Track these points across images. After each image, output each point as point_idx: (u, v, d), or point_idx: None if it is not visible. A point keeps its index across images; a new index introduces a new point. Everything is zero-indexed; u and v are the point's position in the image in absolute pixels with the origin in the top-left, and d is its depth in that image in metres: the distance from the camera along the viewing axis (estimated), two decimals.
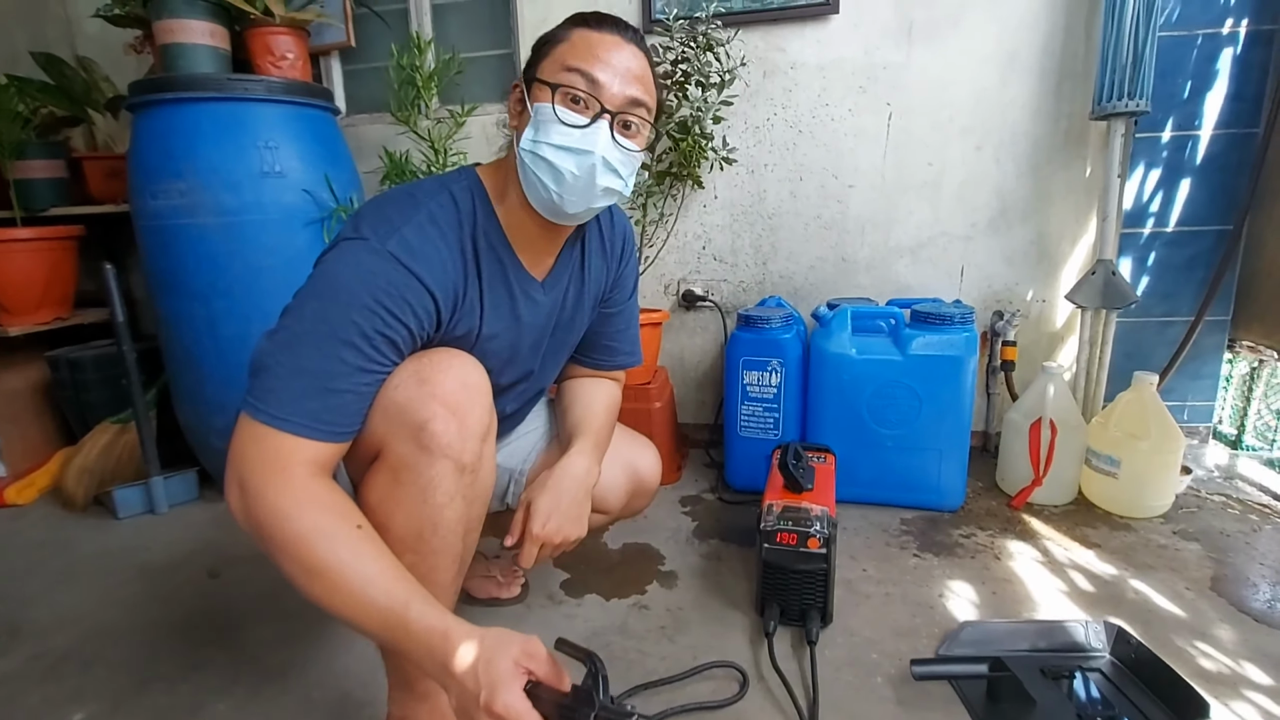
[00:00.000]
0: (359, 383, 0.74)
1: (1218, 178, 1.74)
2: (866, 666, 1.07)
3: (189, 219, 1.53)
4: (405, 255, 0.76)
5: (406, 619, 0.66)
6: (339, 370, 0.72)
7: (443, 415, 0.77)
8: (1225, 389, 1.90)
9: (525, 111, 0.84)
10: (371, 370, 0.75)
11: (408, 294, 0.76)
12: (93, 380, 1.94)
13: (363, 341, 0.73)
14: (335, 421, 0.73)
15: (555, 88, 0.81)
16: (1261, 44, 1.66)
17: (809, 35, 1.85)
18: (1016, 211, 1.85)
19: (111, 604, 1.34)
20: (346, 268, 0.75)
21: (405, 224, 0.79)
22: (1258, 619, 1.17)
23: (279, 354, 0.72)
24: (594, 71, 0.80)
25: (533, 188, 0.85)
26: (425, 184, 0.87)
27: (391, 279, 0.75)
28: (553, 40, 0.85)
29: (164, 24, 1.61)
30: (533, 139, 0.82)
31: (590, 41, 0.82)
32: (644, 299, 2.08)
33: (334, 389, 0.72)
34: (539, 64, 0.84)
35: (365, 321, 0.73)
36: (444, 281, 0.81)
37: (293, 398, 0.71)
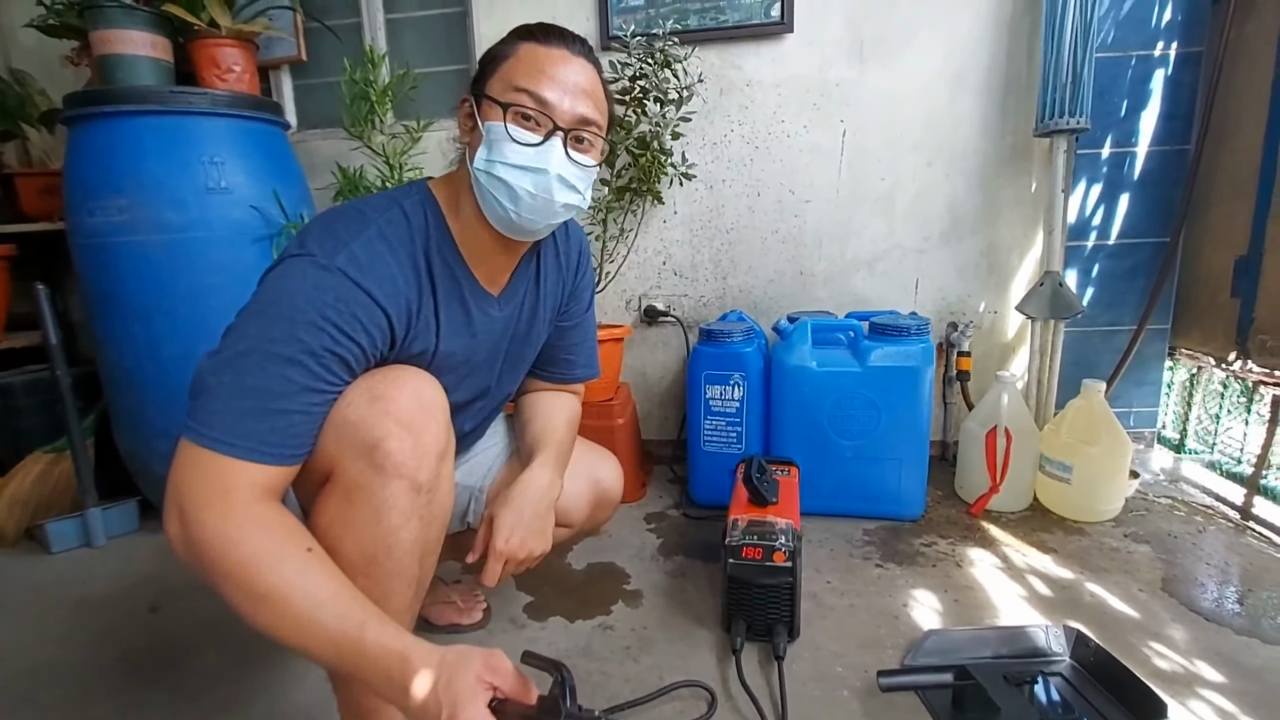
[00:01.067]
0: (307, 403, 0.71)
1: (1154, 192, 1.81)
2: (833, 680, 1.07)
3: (129, 236, 1.46)
4: (354, 271, 0.74)
5: (361, 642, 0.63)
6: (285, 389, 0.69)
7: (397, 433, 0.74)
8: (1167, 395, 1.97)
9: (476, 128, 0.83)
10: (320, 390, 0.72)
11: (358, 310, 0.73)
12: (25, 407, 1.84)
13: (310, 359, 0.70)
14: (281, 444, 0.69)
15: (506, 107, 0.80)
16: (1191, 65, 1.74)
17: (764, 53, 1.88)
18: (967, 225, 1.90)
19: (44, 642, 1.26)
20: (292, 284, 0.72)
21: (354, 240, 0.76)
22: (1207, 618, 1.20)
23: (221, 374, 0.69)
24: (542, 91, 0.80)
25: (490, 206, 0.84)
26: (375, 200, 0.85)
27: (340, 295, 0.72)
28: (500, 56, 0.83)
29: (101, 34, 1.55)
30: (486, 158, 0.81)
31: (537, 58, 0.81)
32: (605, 315, 2.08)
33: (280, 409, 0.69)
34: (487, 80, 0.83)
35: (313, 339, 0.70)
36: (396, 297, 0.78)
37: (235, 419, 0.67)
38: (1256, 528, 1.52)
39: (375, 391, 0.76)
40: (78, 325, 2.17)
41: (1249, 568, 1.37)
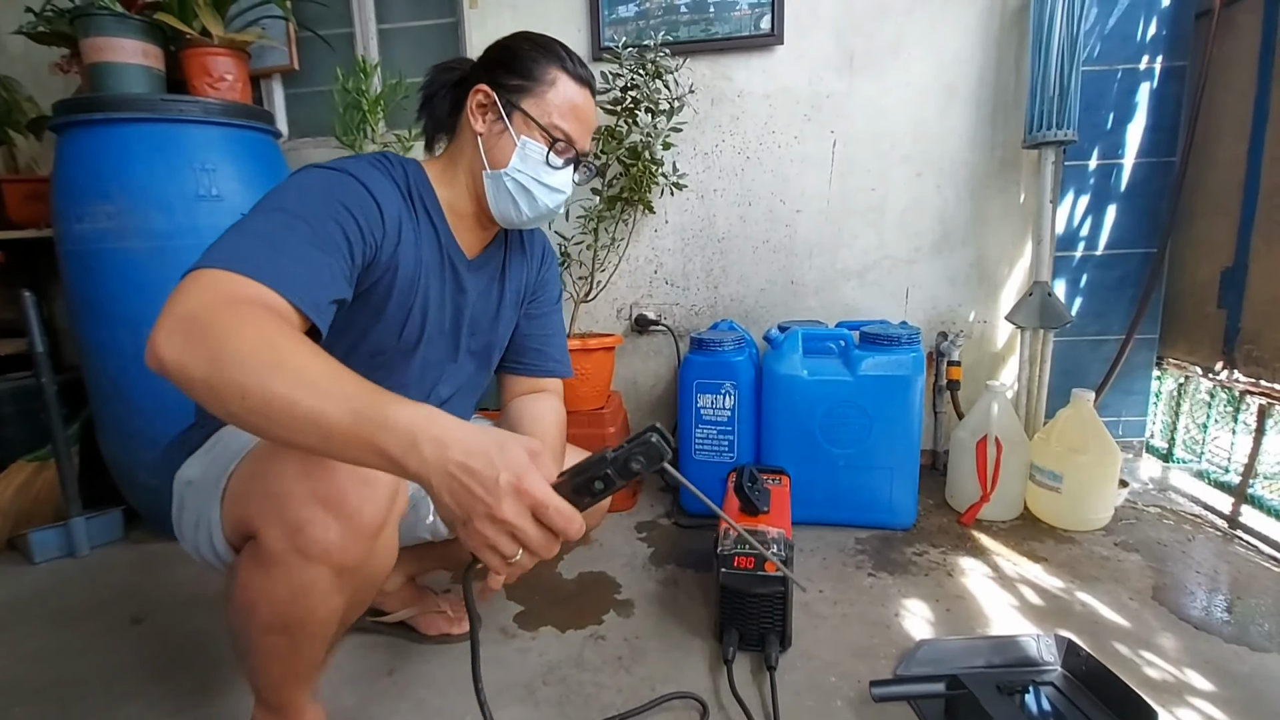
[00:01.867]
0: (310, 257, 0.71)
1: (1141, 203, 1.83)
2: (826, 690, 1.06)
3: (117, 243, 1.46)
4: (357, 172, 0.82)
5: (382, 399, 0.57)
6: (289, 238, 0.70)
7: (323, 519, 0.69)
8: (1155, 404, 1.98)
9: (505, 134, 0.93)
10: (321, 249, 0.72)
11: (359, 198, 0.80)
12: (9, 415, 1.82)
13: (315, 220, 0.73)
14: (287, 278, 0.66)
15: (553, 140, 0.93)
16: (1175, 79, 1.77)
17: (755, 64, 1.89)
18: (957, 235, 1.92)
19: (22, 656, 1.23)
20: (296, 177, 0.79)
21: (351, 162, 0.84)
22: (1197, 626, 1.20)
23: (227, 234, 0.69)
24: (575, 134, 0.95)
25: (503, 204, 0.96)
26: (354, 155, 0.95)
27: (345, 183, 0.80)
28: (537, 77, 0.93)
29: (93, 42, 1.55)
30: (520, 169, 0.93)
31: (573, 100, 0.94)
32: (597, 323, 2.08)
33: (285, 250, 0.69)
34: (523, 95, 0.93)
35: (318, 205, 0.75)
36: (391, 202, 0.85)
37: (243, 251, 0.66)
38: (1244, 536, 1.53)
39: (309, 467, 0.70)
40: (63, 332, 2.15)
41: (1237, 576, 1.37)
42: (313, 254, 0.71)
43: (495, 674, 1.12)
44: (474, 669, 0.72)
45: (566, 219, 1.88)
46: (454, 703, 1.05)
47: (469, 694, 1.06)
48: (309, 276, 0.69)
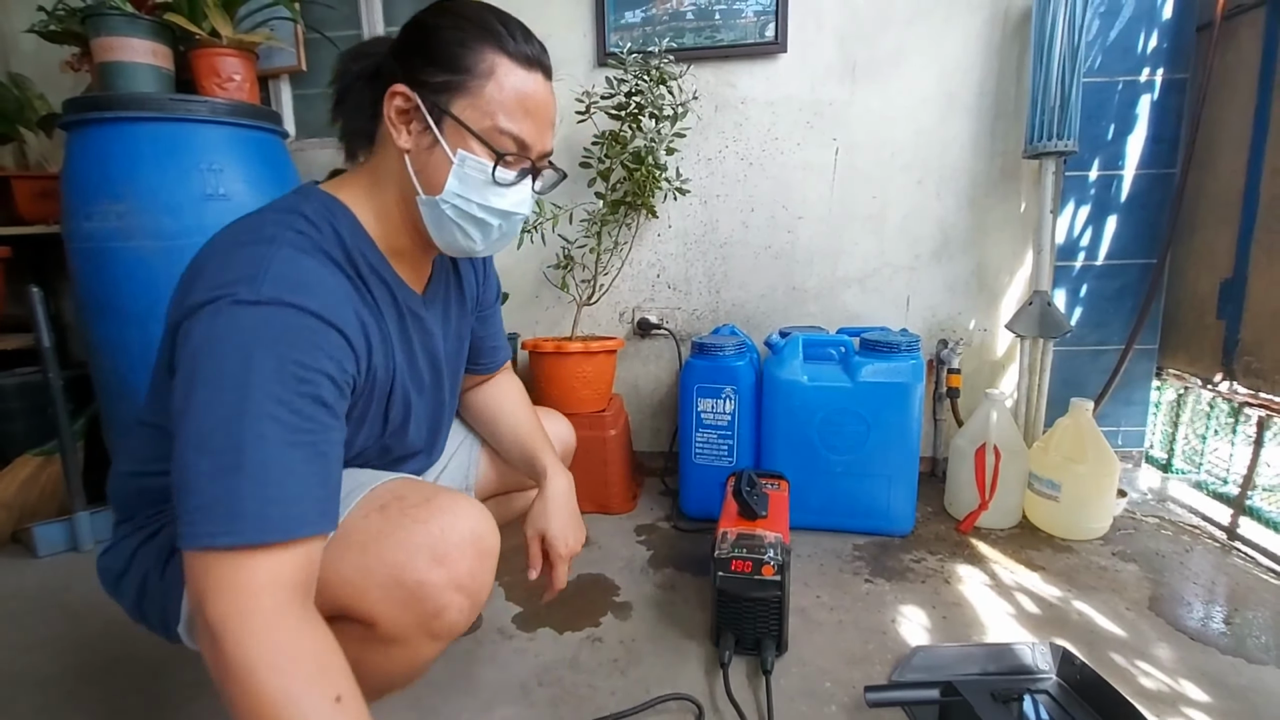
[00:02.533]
0: (294, 460, 0.60)
1: (1141, 214, 1.84)
2: (821, 695, 1.07)
3: (125, 242, 1.47)
4: (290, 294, 0.62)
5: None
6: (264, 453, 0.58)
7: (458, 603, 0.71)
8: (1155, 414, 1.99)
9: (437, 149, 0.74)
10: (304, 442, 0.61)
11: (311, 337, 0.63)
12: (15, 409, 1.84)
13: (281, 409, 0.59)
14: (282, 514, 0.59)
15: (498, 154, 0.74)
16: (1176, 91, 1.78)
17: (758, 72, 1.91)
18: (957, 244, 1.92)
19: (25, 648, 1.24)
20: (223, 337, 0.60)
21: (270, 260, 0.64)
22: (1193, 637, 1.21)
23: (190, 463, 0.58)
24: (524, 135, 0.75)
25: (448, 235, 0.79)
26: (264, 214, 0.72)
27: (285, 326, 0.61)
28: (468, 68, 0.73)
29: (103, 41, 1.56)
30: (459, 194, 0.75)
31: (520, 91, 0.74)
32: (599, 326, 2.09)
33: (265, 476, 0.58)
34: (453, 95, 0.73)
35: (275, 386, 0.59)
36: (343, 310, 0.68)
37: (224, 505, 0.57)
38: (1242, 548, 1.54)
39: (438, 550, 0.70)
40: (70, 328, 2.17)
41: (1235, 588, 1.38)
42: (289, 454, 0.60)
43: (491, 674, 1.13)
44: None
45: (570, 222, 1.89)
46: (450, 702, 1.06)
47: (466, 693, 1.08)
48: (298, 488, 0.60)
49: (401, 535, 0.70)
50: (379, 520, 0.71)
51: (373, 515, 0.72)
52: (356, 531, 0.71)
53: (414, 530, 0.70)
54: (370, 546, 0.69)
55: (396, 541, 0.69)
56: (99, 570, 0.84)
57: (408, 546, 0.69)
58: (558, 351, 1.74)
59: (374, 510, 0.72)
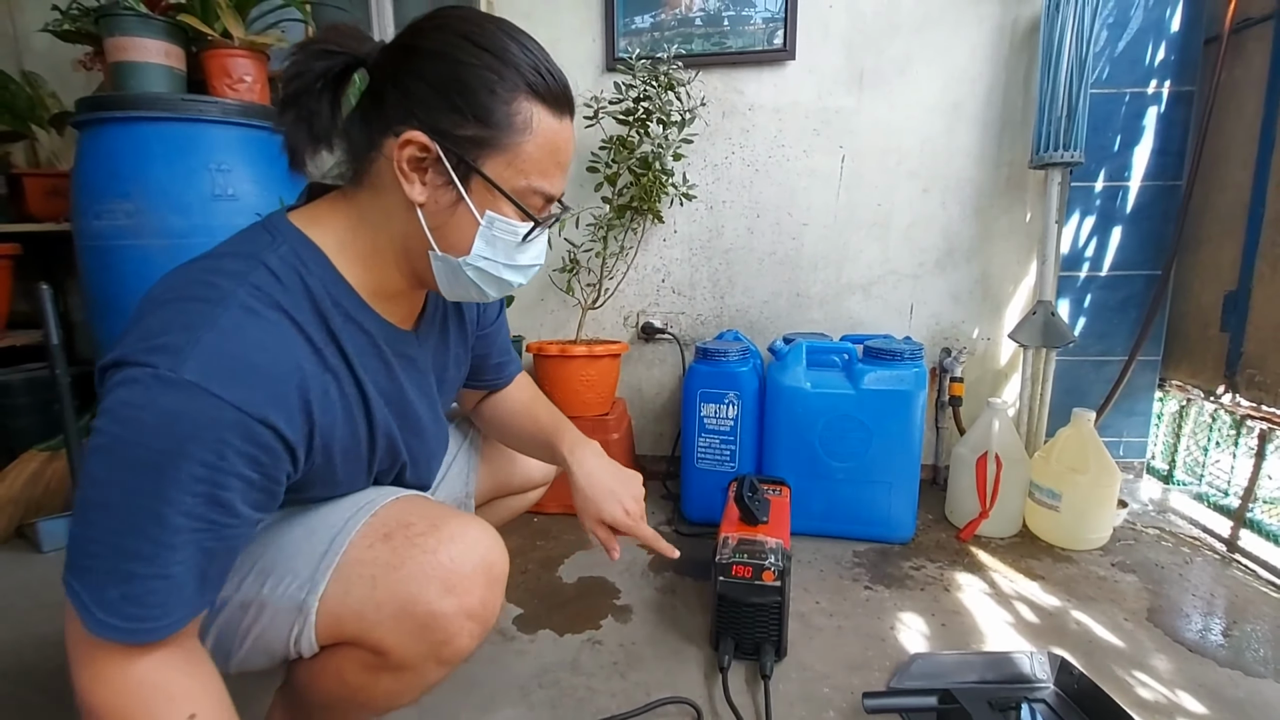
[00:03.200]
0: (171, 561, 0.56)
1: (1146, 226, 1.84)
2: (819, 701, 1.07)
3: (134, 240, 1.48)
4: (212, 379, 0.56)
5: None
6: (138, 549, 0.55)
7: (469, 629, 0.71)
8: (1157, 426, 1.99)
9: (460, 206, 0.67)
10: (185, 543, 0.57)
11: (224, 433, 0.56)
12: (23, 405, 1.85)
13: (166, 508, 0.55)
14: (142, 616, 0.56)
15: (536, 221, 0.70)
16: (1183, 104, 1.78)
17: (766, 79, 1.92)
18: (962, 252, 1.93)
19: (29, 643, 1.25)
20: (131, 412, 0.55)
21: (206, 329, 0.57)
22: (1191, 649, 1.21)
23: (79, 517, 0.57)
24: (554, 190, 0.71)
25: (460, 290, 0.74)
26: (225, 260, 0.65)
27: (198, 418, 0.55)
28: (506, 123, 0.65)
29: (116, 41, 1.58)
30: (487, 257, 0.70)
31: (554, 143, 0.68)
32: (603, 330, 2.09)
33: (135, 574, 0.55)
34: (485, 151, 0.65)
35: (170, 486, 0.55)
36: (282, 398, 0.61)
37: (94, 580, 0.56)
38: (1242, 560, 1.54)
39: (449, 580, 0.69)
40: (78, 326, 2.19)
41: (1234, 600, 1.38)
42: (170, 556, 0.56)
43: (491, 675, 1.14)
44: None
45: (576, 226, 1.90)
46: (449, 702, 1.06)
47: (465, 693, 1.08)
48: (170, 595, 0.57)
49: (412, 567, 0.68)
50: (385, 551, 0.70)
51: (378, 545, 0.70)
52: (363, 564, 0.69)
53: (424, 561, 0.69)
54: (379, 580, 0.68)
55: (407, 573, 0.68)
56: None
57: (419, 577, 0.68)
58: (562, 355, 1.75)
59: (378, 540, 0.71)
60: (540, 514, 1.80)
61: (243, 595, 0.71)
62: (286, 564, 0.71)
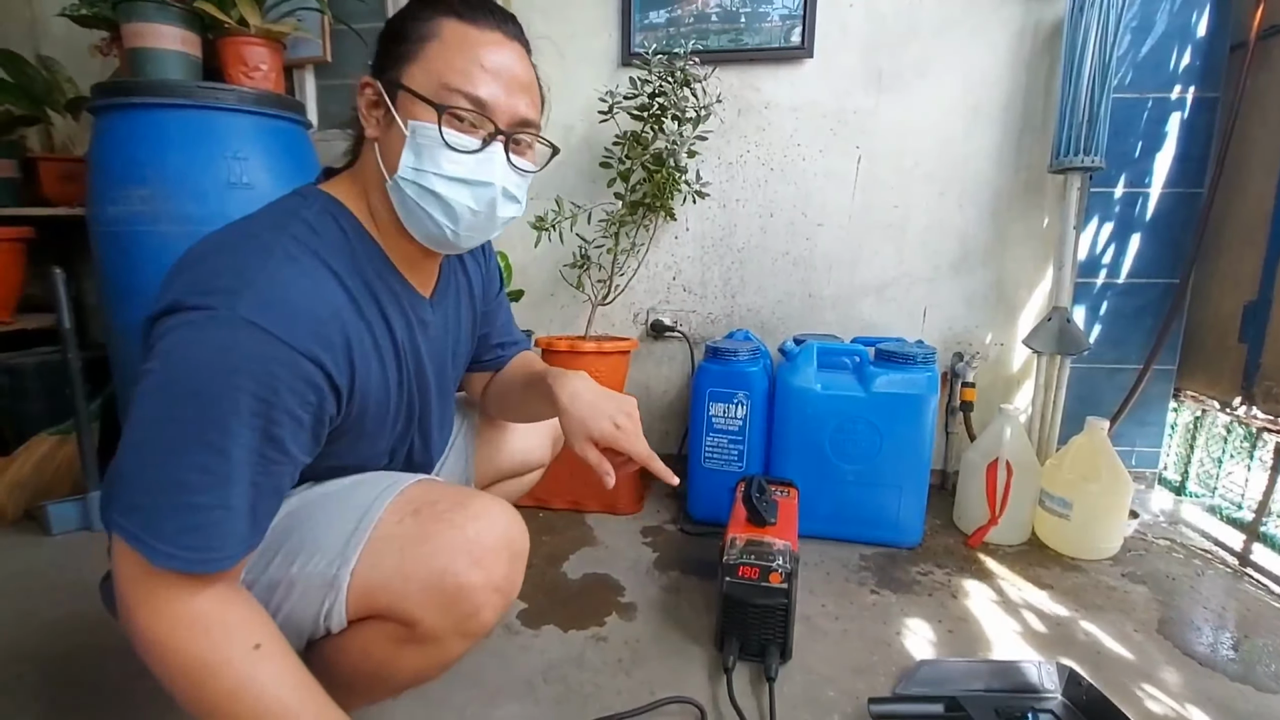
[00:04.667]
0: (230, 494, 0.59)
1: (1166, 233, 1.82)
2: (824, 704, 1.07)
3: (150, 226, 1.48)
4: (267, 318, 0.59)
5: None
6: (198, 481, 0.58)
7: (494, 602, 0.73)
8: (1170, 436, 1.97)
9: (394, 126, 0.71)
10: (250, 479, 0.60)
11: (280, 370, 0.60)
12: (34, 388, 1.86)
13: (225, 439, 0.58)
14: (204, 546, 0.58)
15: (440, 109, 0.69)
16: (1207, 110, 1.76)
17: (783, 77, 1.90)
18: (977, 256, 1.91)
19: (36, 626, 1.26)
20: (190, 350, 0.58)
21: (257, 273, 0.61)
22: (1201, 662, 1.19)
23: (128, 459, 0.59)
24: (479, 90, 0.69)
25: (418, 222, 0.74)
26: (264, 216, 0.70)
27: (254, 354, 0.59)
28: (416, 35, 0.70)
29: (133, 27, 1.58)
30: (415, 167, 0.70)
31: (468, 44, 0.70)
32: (613, 327, 2.09)
33: (195, 505, 0.58)
34: (403, 65, 0.70)
35: (230, 418, 0.58)
36: (327, 339, 0.65)
37: (149, 515, 0.58)
38: (1254, 574, 1.52)
39: (475, 554, 0.71)
40: (91, 310, 2.20)
41: (1245, 614, 1.36)
42: (227, 490, 0.59)
43: (497, 669, 1.14)
44: None
45: (588, 222, 1.89)
46: (455, 695, 1.06)
47: (471, 687, 1.08)
48: (230, 524, 0.60)
49: (440, 540, 0.71)
50: (413, 525, 0.72)
51: (407, 520, 0.73)
52: (393, 537, 0.71)
53: (452, 535, 0.71)
54: (409, 550, 0.70)
55: (436, 546, 0.70)
56: (102, 594, 0.83)
57: (448, 550, 0.70)
58: (571, 350, 1.75)
59: (407, 515, 0.73)
60: (545, 509, 1.80)
61: (270, 576, 0.72)
62: (315, 543, 0.72)
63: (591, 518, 1.77)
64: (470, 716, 1.02)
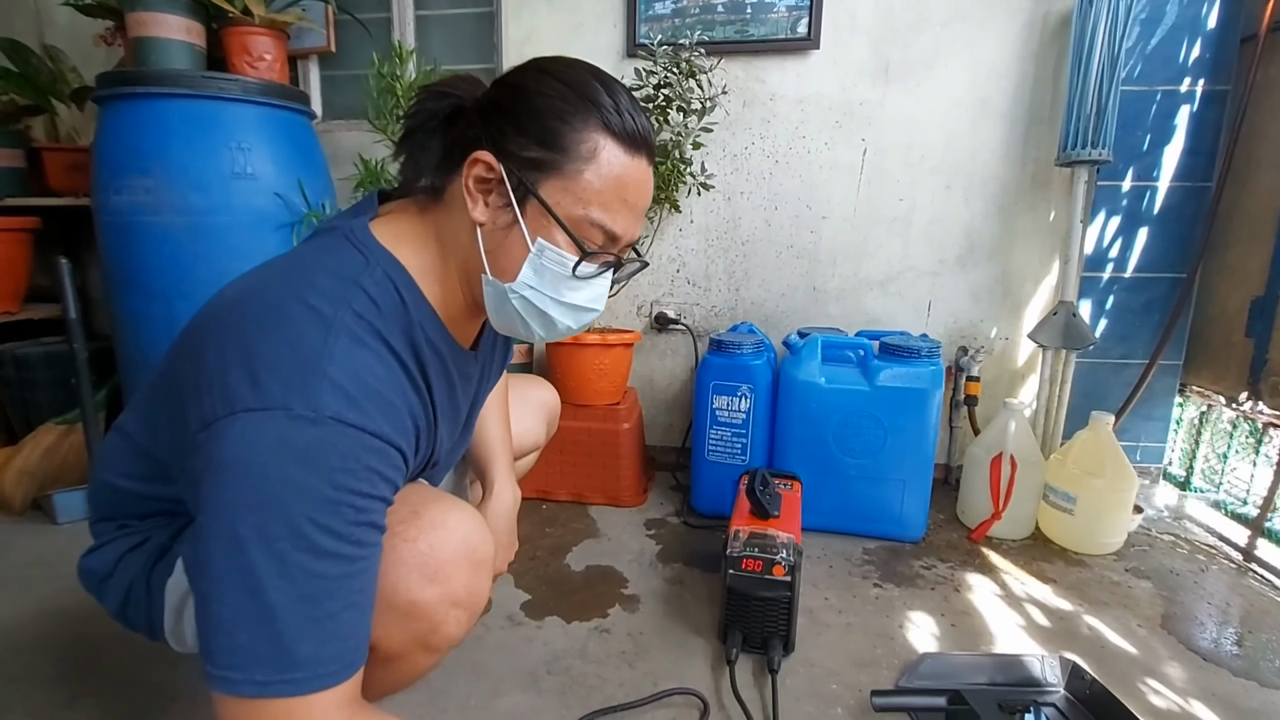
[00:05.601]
0: (353, 591, 0.57)
1: (1173, 228, 1.81)
2: (827, 697, 1.07)
3: (154, 217, 1.48)
4: (351, 412, 0.56)
5: None
6: (323, 590, 0.54)
7: (455, 616, 0.71)
8: (1176, 431, 1.96)
9: (515, 229, 0.66)
10: (362, 571, 0.58)
11: (371, 460, 0.58)
12: (40, 379, 1.87)
13: (340, 543, 0.55)
14: (343, 653, 0.56)
15: (580, 245, 0.67)
16: (1216, 103, 1.74)
17: (789, 68, 1.89)
18: (983, 250, 1.90)
19: (44, 615, 1.27)
20: (276, 459, 0.53)
21: (329, 361, 0.57)
22: (1205, 658, 1.19)
23: (227, 600, 0.53)
24: (617, 227, 0.67)
25: (508, 323, 0.73)
26: (316, 280, 0.62)
27: (346, 451, 0.56)
28: (571, 149, 0.64)
29: (138, 16, 1.58)
30: (533, 286, 0.68)
31: (622, 179, 0.66)
32: (616, 319, 2.09)
33: (326, 615, 0.55)
34: (545, 174, 0.65)
35: (334, 520, 0.55)
36: (402, 422, 0.63)
37: (279, 650, 0.53)
38: (1259, 570, 1.52)
39: (428, 567, 0.68)
40: (96, 301, 2.20)
41: (1249, 610, 1.36)
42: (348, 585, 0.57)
43: (501, 661, 1.14)
44: None
45: None
46: (459, 686, 1.07)
47: (475, 677, 1.09)
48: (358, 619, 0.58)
49: (391, 556, 0.66)
50: None
51: None
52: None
53: (403, 550, 0.68)
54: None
55: (386, 564, 0.65)
56: (81, 571, 0.81)
57: (397, 568, 0.67)
58: (575, 343, 1.74)
59: None
60: (548, 501, 1.80)
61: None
62: None
63: (595, 510, 1.77)
64: (474, 707, 1.03)
